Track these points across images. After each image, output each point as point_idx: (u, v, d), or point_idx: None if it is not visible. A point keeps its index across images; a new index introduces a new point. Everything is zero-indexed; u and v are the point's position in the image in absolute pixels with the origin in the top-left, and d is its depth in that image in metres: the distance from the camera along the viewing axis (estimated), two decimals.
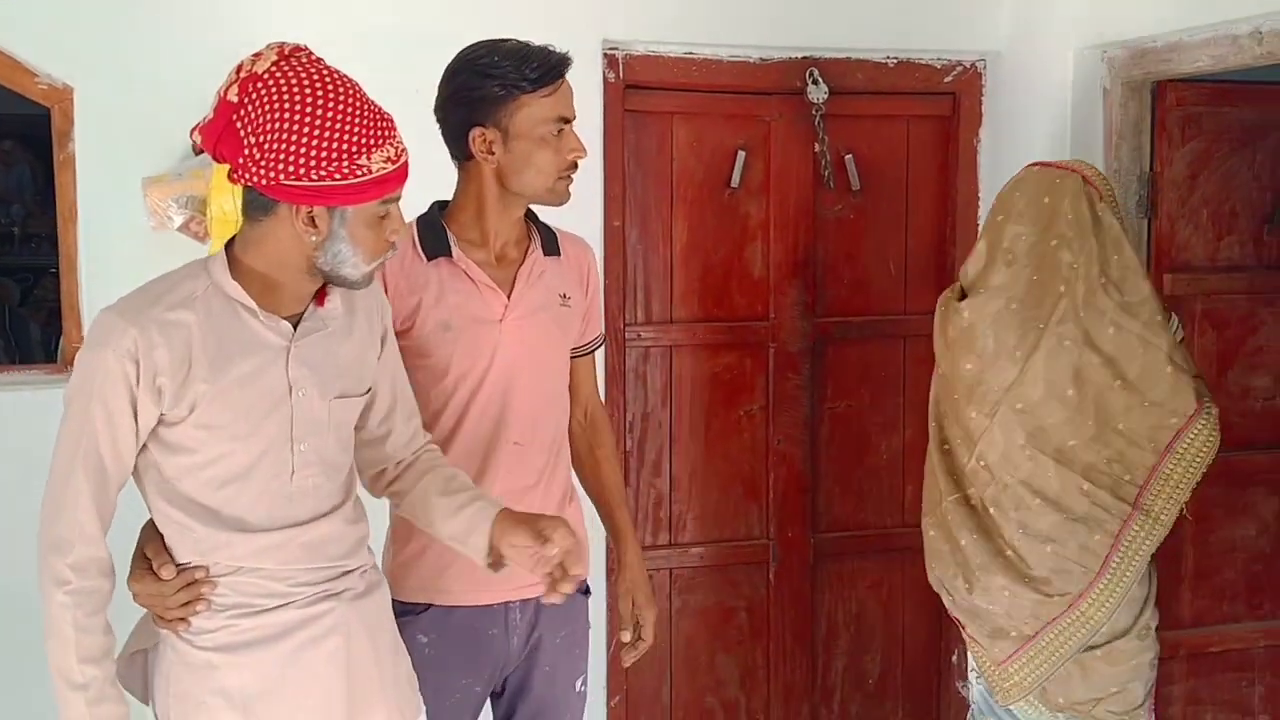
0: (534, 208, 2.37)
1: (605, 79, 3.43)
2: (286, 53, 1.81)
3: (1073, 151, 3.52)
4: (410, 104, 2.21)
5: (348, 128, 1.77)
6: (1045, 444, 2.67)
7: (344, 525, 1.99)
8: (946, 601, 2.90)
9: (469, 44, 2.27)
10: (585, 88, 3.34)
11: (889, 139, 3.76)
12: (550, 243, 2.37)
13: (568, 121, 2.24)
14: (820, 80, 3.58)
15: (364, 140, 1.78)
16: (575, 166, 2.27)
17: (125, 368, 1.79)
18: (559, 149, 2.23)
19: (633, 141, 3.53)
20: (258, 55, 1.82)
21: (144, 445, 1.86)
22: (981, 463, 2.73)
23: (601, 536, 3.44)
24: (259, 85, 1.78)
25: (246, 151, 1.78)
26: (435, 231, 2.25)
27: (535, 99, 2.19)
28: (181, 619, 1.89)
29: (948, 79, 3.72)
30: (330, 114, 1.77)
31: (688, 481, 3.70)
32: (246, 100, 1.79)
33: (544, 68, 2.20)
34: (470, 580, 2.27)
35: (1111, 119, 3.46)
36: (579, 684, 2.44)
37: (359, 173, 1.78)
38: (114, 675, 1.87)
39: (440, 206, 2.32)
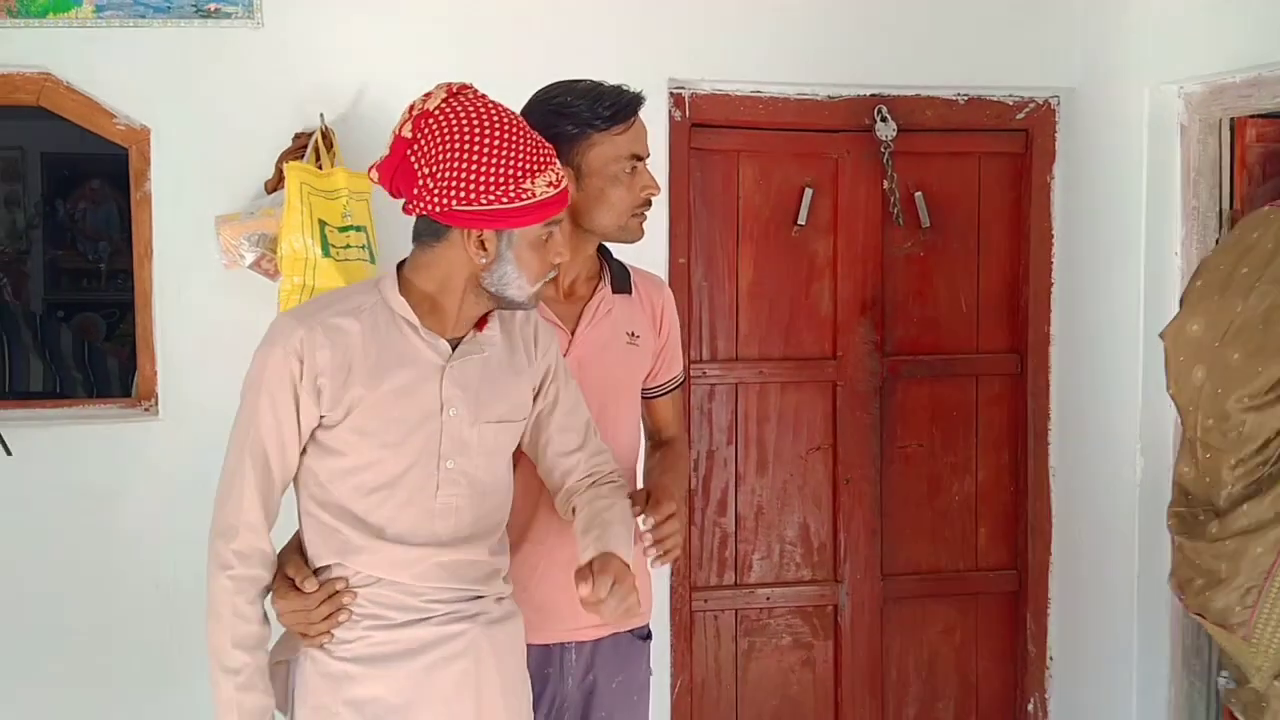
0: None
1: (671, 117, 3.44)
2: (454, 90, 1.94)
3: (1149, 189, 3.46)
4: None
5: (513, 155, 1.89)
6: (1240, 448, 2.64)
7: (485, 554, 2.04)
8: (1183, 602, 2.85)
9: (544, 85, 2.28)
10: (651, 126, 3.25)
11: (960, 176, 3.72)
12: (622, 280, 2.36)
13: (641, 159, 2.25)
14: (889, 117, 3.57)
15: (528, 166, 1.90)
16: (649, 204, 2.28)
17: (291, 364, 1.91)
18: (632, 186, 2.24)
19: (699, 179, 3.53)
20: (428, 95, 1.94)
21: (305, 448, 1.96)
22: (1195, 473, 2.72)
23: (664, 579, 3.43)
24: (431, 121, 1.91)
25: (421, 182, 1.91)
26: None
27: (608, 137, 2.20)
28: (326, 633, 1.96)
29: (1020, 116, 3.68)
30: (497, 142, 1.89)
31: (753, 521, 3.67)
32: (420, 135, 1.91)
33: (616, 106, 2.21)
34: (526, 619, 2.25)
35: (1189, 156, 3.38)
36: None
37: (524, 196, 1.89)
38: (265, 667, 1.95)
39: None
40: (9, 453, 3.08)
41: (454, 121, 1.90)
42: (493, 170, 1.88)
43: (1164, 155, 3.45)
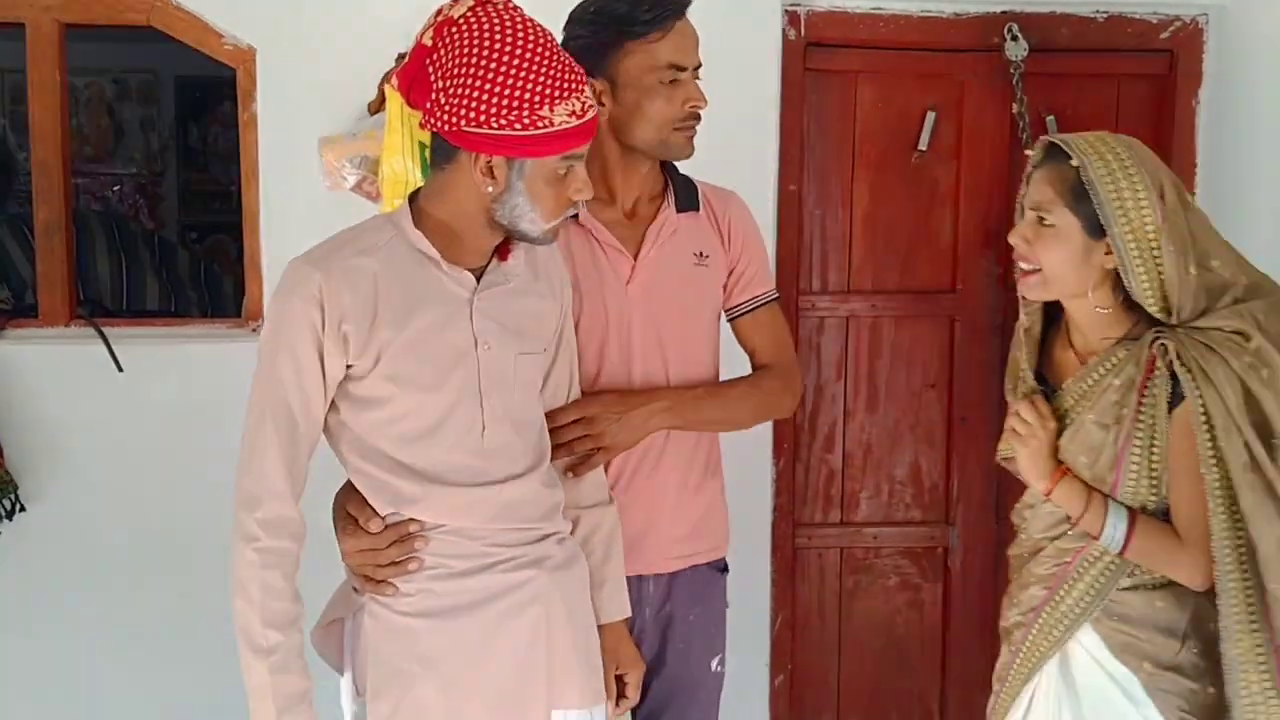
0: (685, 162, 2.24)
1: (785, 37, 3.30)
2: None
3: None
4: None
5: (531, 77, 1.74)
6: None
7: (539, 488, 1.94)
8: None
9: None
10: (764, 46, 3.27)
11: (1096, 100, 3.49)
12: (687, 198, 2.24)
13: (683, 70, 2.11)
14: (1020, 36, 3.35)
15: (547, 91, 1.74)
16: (694, 118, 2.14)
17: (311, 313, 1.79)
18: (672, 99, 2.10)
19: (813, 102, 3.39)
20: (457, 1, 1.80)
21: (334, 404, 1.85)
22: None
23: (742, 513, 3.34)
24: (452, 29, 1.77)
25: (434, 96, 1.78)
26: None
27: (643, 45, 2.07)
28: (386, 582, 1.87)
29: (1164, 35, 3.43)
30: (515, 61, 1.74)
31: (861, 458, 3.55)
32: (440, 44, 1.78)
33: (654, 12, 2.07)
34: None
35: None
36: (715, 663, 2.34)
37: (540, 124, 1.74)
38: (301, 647, 1.84)
39: None
40: (120, 369, 3.15)
41: (475, 33, 1.75)
42: (507, 92, 1.72)
43: None
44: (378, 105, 3.12)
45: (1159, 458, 2.03)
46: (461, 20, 1.77)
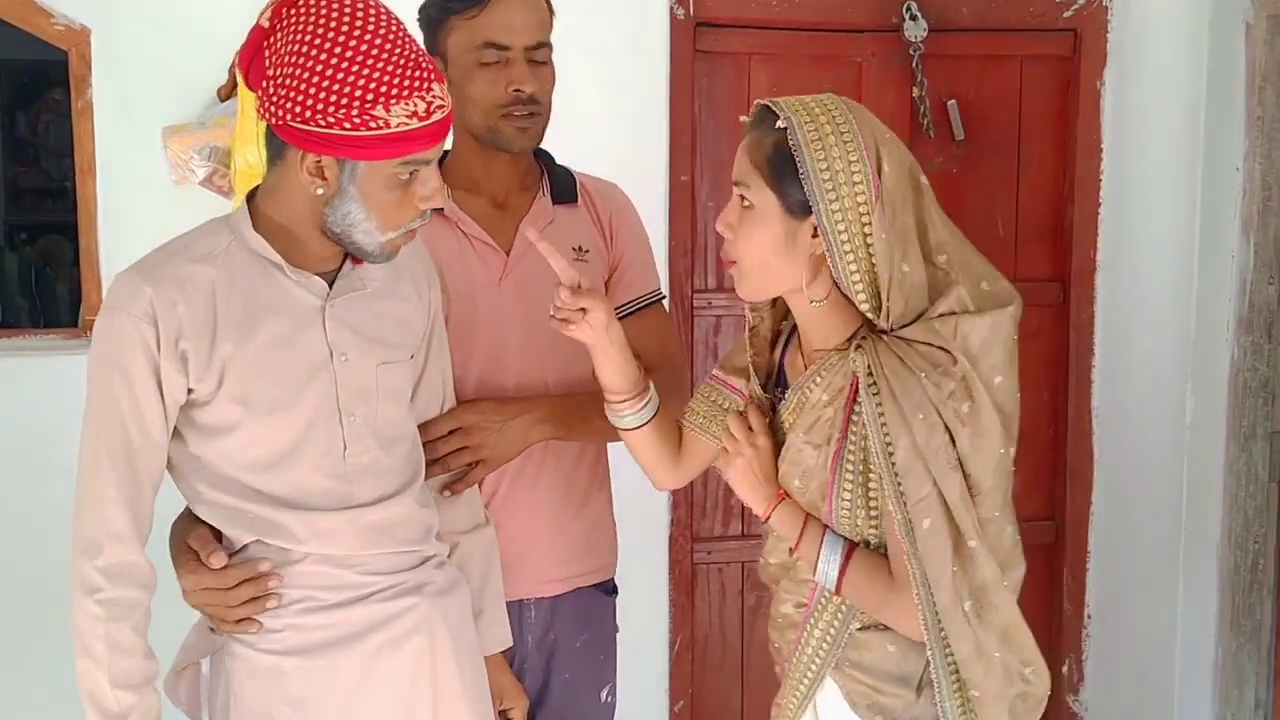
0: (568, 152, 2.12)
1: (673, 15, 3.16)
2: None
3: (1209, 95, 3.21)
4: None
5: (366, 71, 1.59)
6: None
7: (414, 507, 1.82)
8: None
9: None
10: (650, 25, 3.17)
11: (998, 82, 3.40)
12: (565, 189, 2.11)
13: (505, 49, 1.96)
14: (919, 15, 3.26)
15: (384, 89, 1.59)
16: (521, 103, 1.97)
17: (143, 331, 1.64)
18: (495, 80, 1.96)
19: (705, 86, 3.25)
20: None
21: (177, 433, 1.71)
22: None
23: (636, 527, 3.20)
24: (291, 12, 1.63)
25: (265, 84, 1.64)
26: None
27: (463, 21, 1.95)
28: (248, 620, 1.72)
29: (1068, 14, 3.35)
30: (349, 53, 1.59)
31: None
32: (278, 26, 1.63)
33: None
34: None
35: (1255, 58, 3.15)
36: (604, 694, 2.20)
37: (373, 124, 1.59)
38: (158, 708, 1.72)
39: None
40: None
41: (311, 19, 1.59)
42: (336, 86, 1.57)
43: (1226, 57, 3.20)
44: (229, 91, 2.96)
45: (878, 486, 1.71)
46: (301, 3, 1.62)
